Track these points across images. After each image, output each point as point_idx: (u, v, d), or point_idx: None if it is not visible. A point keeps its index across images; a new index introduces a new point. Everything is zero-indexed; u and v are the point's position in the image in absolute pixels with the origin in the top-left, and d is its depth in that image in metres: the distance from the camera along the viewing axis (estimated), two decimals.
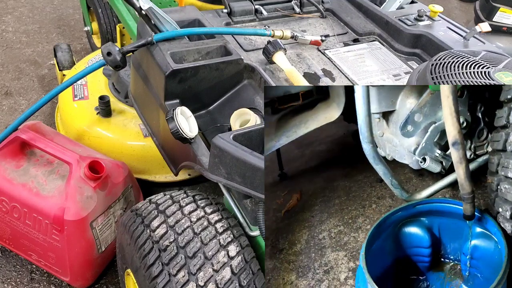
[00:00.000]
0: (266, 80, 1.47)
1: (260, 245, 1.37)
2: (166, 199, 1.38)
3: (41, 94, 2.90)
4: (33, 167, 1.73)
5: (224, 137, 1.20)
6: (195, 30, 1.57)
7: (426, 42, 1.72)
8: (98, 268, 1.82)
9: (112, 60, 1.45)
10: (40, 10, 3.85)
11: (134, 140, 2.11)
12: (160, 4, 2.62)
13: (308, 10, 1.93)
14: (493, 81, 1.19)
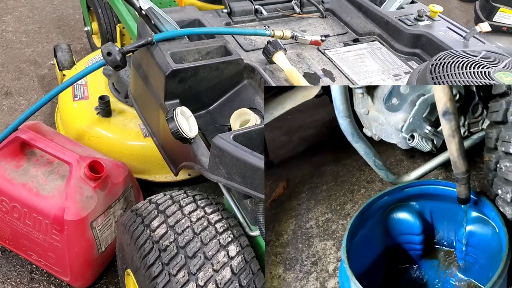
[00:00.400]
0: (266, 80, 1.47)
1: (260, 245, 1.37)
2: (166, 199, 1.38)
3: (41, 94, 2.90)
4: (33, 167, 1.73)
5: (224, 137, 1.20)
6: (195, 30, 1.57)
7: (426, 42, 1.72)
8: (98, 268, 1.82)
9: (112, 60, 1.45)
10: (40, 10, 3.85)
11: (134, 140, 2.11)
12: (160, 4, 2.62)
13: (308, 10, 1.93)
14: (493, 81, 1.19)
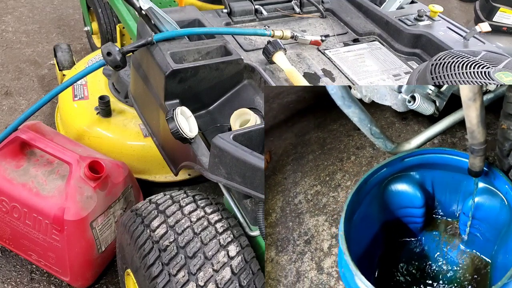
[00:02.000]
0: (266, 80, 1.47)
1: (260, 245, 1.37)
2: (166, 199, 1.38)
3: (41, 94, 2.90)
4: (33, 167, 1.73)
5: (224, 137, 1.20)
6: (195, 30, 1.57)
7: (426, 42, 1.72)
8: (98, 268, 1.82)
9: (112, 60, 1.45)
10: (40, 10, 3.85)
11: (134, 140, 2.11)
12: (160, 4, 2.62)
13: (308, 10, 1.93)
14: (493, 81, 1.19)
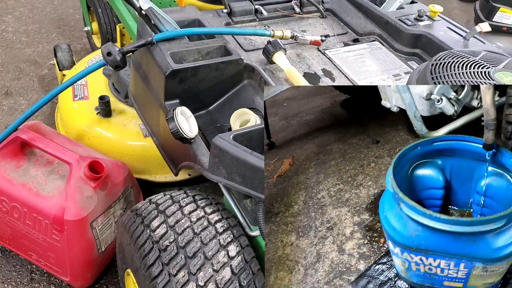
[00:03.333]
0: (266, 80, 1.47)
1: (260, 245, 1.37)
2: (166, 199, 1.38)
3: (41, 94, 2.90)
4: (33, 167, 1.72)
5: (224, 137, 1.20)
6: (195, 30, 1.57)
7: (426, 42, 1.72)
8: (98, 268, 1.82)
9: (112, 60, 1.45)
10: (40, 10, 3.85)
11: (134, 140, 2.11)
12: (160, 4, 2.62)
13: (308, 10, 1.93)
14: (493, 81, 1.19)
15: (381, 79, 1.60)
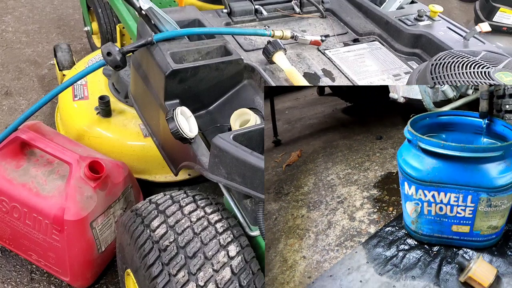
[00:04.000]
0: (266, 80, 1.47)
1: (260, 245, 1.37)
2: (166, 199, 1.38)
3: (41, 94, 2.90)
4: (33, 167, 1.72)
5: (224, 137, 1.20)
6: (195, 30, 1.57)
7: (426, 42, 1.72)
8: (98, 268, 1.82)
9: (112, 60, 1.45)
10: (40, 10, 3.86)
11: (134, 140, 2.11)
12: (160, 4, 2.62)
13: (308, 10, 1.93)
14: (493, 81, 1.19)
15: (381, 79, 1.60)
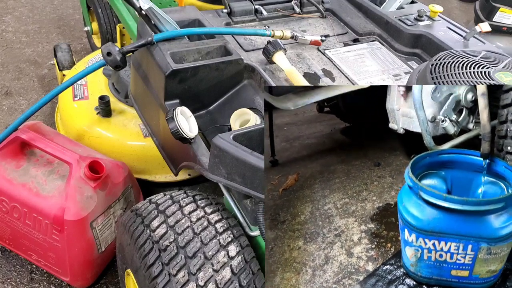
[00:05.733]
0: (266, 80, 1.47)
1: (260, 245, 1.37)
2: (166, 199, 1.38)
3: (41, 94, 2.90)
4: (33, 167, 1.73)
5: (224, 137, 1.20)
6: (195, 30, 1.57)
7: (426, 42, 1.72)
8: (98, 268, 1.82)
9: (112, 60, 1.45)
10: (40, 10, 3.85)
11: (134, 140, 2.11)
12: (160, 4, 2.62)
13: (308, 10, 1.93)
14: (493, 81, 1.19)
15: (381, 79, 1.60)
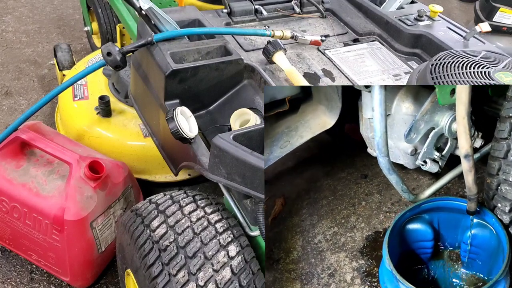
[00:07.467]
0: (266, 80, 1.47)
1: (260, 245, 1.37)
2: (166, 199, 1.38)
3: (41, 94, 2.90)
4: (33, 167, 1.72)
5: (224, 137, 1.20)
6: (195, 30, 1.57)
7: (426, 42, 1.72)
8: (98, 268, 1.82)
9: (112, 60, 1.45)
10: (40, 10, 3.85)
11: (134, 140, 2.11)
12: (160, 4, 2.62)
13: (308, 10, 1.93)
14: (493, 81, 1.19)
15: (381, 79, 1.60)
